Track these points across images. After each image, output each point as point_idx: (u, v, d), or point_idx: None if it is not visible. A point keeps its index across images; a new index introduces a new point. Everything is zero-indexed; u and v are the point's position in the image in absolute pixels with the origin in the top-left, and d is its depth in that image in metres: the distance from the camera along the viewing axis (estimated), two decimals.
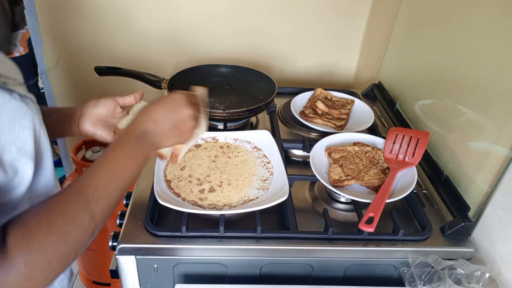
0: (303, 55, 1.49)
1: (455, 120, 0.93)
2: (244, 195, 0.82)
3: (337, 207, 0.89)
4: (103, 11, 1.36)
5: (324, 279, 0.80)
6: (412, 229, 0.84)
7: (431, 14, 1.06)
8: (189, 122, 0.67)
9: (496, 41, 0.80)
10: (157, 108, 0.66)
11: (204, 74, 1.23)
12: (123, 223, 0.79)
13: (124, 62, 1.45)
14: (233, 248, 0.76)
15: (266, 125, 1.16)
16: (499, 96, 0.78)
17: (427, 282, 0.71)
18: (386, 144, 0.89)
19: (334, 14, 1.39)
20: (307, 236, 0.78)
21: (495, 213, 0.77)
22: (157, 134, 0.65)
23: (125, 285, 0.79)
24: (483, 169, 0.80)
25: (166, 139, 0.67)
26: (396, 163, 0.82)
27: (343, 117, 1.11)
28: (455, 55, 0.94)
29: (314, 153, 0.92)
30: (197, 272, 0.79)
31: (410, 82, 1.17)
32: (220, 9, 1.37)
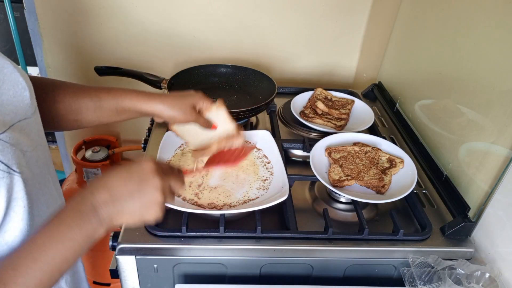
0: (303, 55, 1.49)
1: (455, 120, 0.93)
2: (244, 195, 0.82)
3: (337, 207, 0.89)
4: (103, 11, 1.36)
5: (324, 279, 0.80)
6: (412, 229, 0.84)
7: (431, 14, 1.06)
8: (153, 194, 0.55)
9: (496, 41, 0.80)
10: (116, 175, 0.55)
11: (204, 74, 1.23)
12: None
13: (124, 62, 1.45)
14: (233, 248, 0.76)
15: (266, 125, 1.16)
16: (499, 96, 0.78)
17: (427, 282, 0.71)
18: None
19: (334, 14, 1.39)
20: (307, 236, 0.78)
21: (495, 213, 0.77)
22: (110, 209, 0.53)
23: (125, 285, 0.79)
24: (483, 169, 0.80)
25: (122, 216, 0.54)
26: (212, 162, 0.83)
27: (343, 117, 1.11)
28: (455, 55, 0.94)
29: (314, 153, 0.92)
30: (197, 272, 0.79)
31: (410, 82, 1.17)
32: (220, 9, 1.37)
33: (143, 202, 0.55)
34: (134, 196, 0.54)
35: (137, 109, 0.77)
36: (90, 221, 0.51)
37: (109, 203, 0.53)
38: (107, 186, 0.54)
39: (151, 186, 0.55)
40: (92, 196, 0.53)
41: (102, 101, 0.75)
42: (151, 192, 0.55)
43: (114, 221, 0.53)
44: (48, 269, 0.48)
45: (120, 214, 0.53)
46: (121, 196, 0.54)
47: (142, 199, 0.55)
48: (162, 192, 0.56)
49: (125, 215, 0.54)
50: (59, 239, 0.49)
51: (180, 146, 0.94)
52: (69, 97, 0.73)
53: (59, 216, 0.51)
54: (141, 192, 0.55)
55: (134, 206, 0.54)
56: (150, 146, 1.02)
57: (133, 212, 0.54)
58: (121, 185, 0.54)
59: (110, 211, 0.53)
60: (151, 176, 0.55)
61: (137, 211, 0.55)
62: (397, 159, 0.92)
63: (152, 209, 0.56)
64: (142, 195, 0.55)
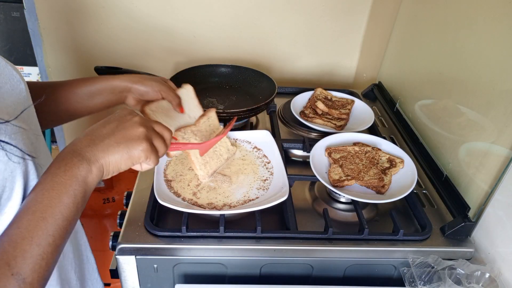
0: (303, 55, 1.49)
1: (455, 120, 0.93)
2: (244, 195, 0.82)
3: (337, 207, 0.89)
4: (103, 11, 1.36)
5: (324, 279, 0.80)
6: (412, 229, 0.84)
7: (431, 14, 1.06)
8: (135, 127, 0.55)
9: (496, 41, 0.80)
10: (95, 125, 0.56)
11: (204, 74, 1.23)
12: (123, 223, 0.79)
13: (124, 62, 1.45)
14: (233, 248, 0.76)
15: (266, 125, 1.16)
16: (499, 96, 0.78)
17: (427, 282, 0.71)
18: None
19: (334, 14, 1.39)
20: (307, 236, 0.78)
21: (495, 213, 0.77)
22: (93, 148, 0.52)
23: (125, 285, 0.79)
24: (483, 169, 0.80)
25: (108, 151, 0.52)
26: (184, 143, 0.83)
27: (343, 117, 1.11)
28: (455, 55, 0.94)
29: (314, 153, 0.92)
30: (197, 272, 0.79)
31: (410, 82, 1.17)
32: (220, 9, 1.37)
33: (126, 135, 0.54)
34: (115, 132, 0.54)
35: (111, 86, 0.77)
36: (75, 163, 0.50)
37: (90, 143, 0.52)
38: (85, 133, 0.54)
39: (131, 122, 0.55)
40: (72, 145, 0.52)
41: (76, 87, 0.77)
42: (132, 126, 0.55)
43: (102, 159, 0.52)
44: (49, 218, 0.47)
45: (106, 150, 0.52)
46: (102, 135, 0.53)
47: (124, 132, 0.54)
48: (144, 128, 0.55)
49: (111, 150, 0.52)
50: (49, 187, 0.48)
51: None
52: (68, 92, 0.76)
53: (45, 172, 0.50)
54: (122, 127, 0.54)
55: (116, 140, 0.53)
56: None
57: (118, 146, 0.53)
58: (100, 128, 0.54)
59: (94, 150, 0.51)
60: (130, 115, 0.56)
61: (122, 144, 0.53)
62: (397, 159, 0.92)
63: (138, 142, 0.54)
64: (123, 129, 0.54)
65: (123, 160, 0.53)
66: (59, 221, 0.47)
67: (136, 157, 0.54)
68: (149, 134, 0.56)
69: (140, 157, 0.55)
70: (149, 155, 0.55)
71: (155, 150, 0.57)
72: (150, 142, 0.56)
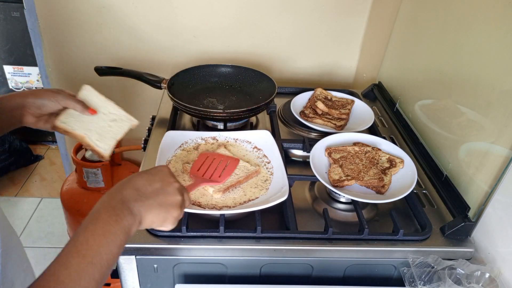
0: (303, 55, 1.49)
1: (455, 120, 0.93)
2: (244, 195, 0.82)
3: (337, 207, 0.89)
4: (103, 11, 1.36)
5: (324, 279, 0.80)
6: (412, 229, 0.84)
7: (431, 14, 1.06)
8: (175, 195, 0.59)
9: (496, 41, 0.80)
10: (139, 176, 0.59)
11: (204, 74, 1.23)
12: None
13: (124, 62, 1.45)
14: (233, 248, 0.76)
15: (266, 125, 1.16)
16: (499, 96, 0.78)
17: (427, 282, 0.71)
18: (194, 164, 0.86)
19: (334, 14, 1.39)
20: (307, 236, 0.78)
21: (495, 213, 0.77)
22: (139, 204, 0.55)
23: (125, 285, 0.79)
24: (483, 169, 0.80)
25: (151, 211, 0.56)
26: (202, 179, 0.82)
27: (343, 117, 1.11)
28: (455, 55, 0.94)
29: (314, 153, 0.92)
30: (197, 272, 0.79)
31: (410, 82, 1.17)
32: (220, 9, 1.37)
33: (167, 201, 0.58)
34: (159, 194, 0.57)
35: (2, 107, 0.72)
36: (125, 215, 0.53)
37: (138, 199, 0.55)
38: (132, 184, 0.57)
39: (172, 187, 0.59)
40: (120, 194, 0.55)
41: None
42: (173, 192, 0.59)
43: (144, 216, 0.55)
44: (97, 264, 0.49)
45: (149, 209, 0.56)
46: (147, 193, 0.57)
47: (166, 197, 0.58)
48: (181, 195, 0.60)
49: (153, 210, 0.56)
50: (101, 234, 0.51)
51: (180, 146, 0.94)
52: None
53: (94, 215, 0.53)
54: (165, 191, 0.58)
55: (159, 203, 0.57)
56: (150, 146, 1.02)
57: (159, 208, 0.57)
58: (145, 184, 0.58)
59: (139, 206, 0.55)
60: (172, 179, 0.60)
61: (162, 208, 0.57)
62: (397, 159, 0.92)
63: (174, 209, 0.58)
64: (166, 193, 0.58)
65: (158, 221, 0.58)
66: (104, 268, 0.50)
67: (169, 222, 0.59)
68: (183, 204, 0.60)
69: (172, 223, 0.59)
70: (175, 223, 0.60)
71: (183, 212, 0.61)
72: (181, 211, 0.60)
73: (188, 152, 0.93)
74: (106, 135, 0.82)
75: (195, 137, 0.96)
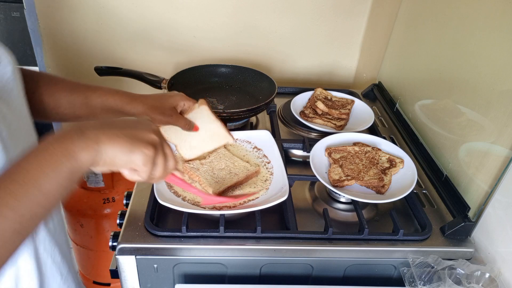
0: (303, 55, 1.48)
1: (455, 120, 0.93)
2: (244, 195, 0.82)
3: (337, 207, 0.89)
4: (103, 11, 1.36)
5: (324, 279, 0.80)
6: (412, 229, 0.84)
7: (431, 14, 1.06)
8: (150, 132, 0.52)
9: (496, 41, 0.80)
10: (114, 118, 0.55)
11: (204, 74, 1.23)
12: (123, 223, 0.79)
13: (124, 62, 1.45)
14: (233, 248, 0.76)
15: (266, 125, 1.16)
16: (499, 96, 0.78)
17: (427, 282, 0.71)
18: None
19: (334, 14, 1.39)
20: (307, 236, 0.78)
21: (495, 213, 0.77)
22: (100, 132, 0.48)
23: (125, 285, 0.79)
24: (483, 169, 0.80)
25: (113, 140, 0.48)
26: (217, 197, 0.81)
27: (343, 117, 1.11)
28: (455, 55, 0.94)
29: (314, 153, 0.92)
30: (197, 272, 0.79)
31: (410, 82, 1.17)
32: (220, 9, 1.37)
33: (136, 134, 0.51)
34: (127, 127, 0.51)
35: (120, 110, 0.77)
36: (74, 139, 0.46)
37: (98, 127, 0.49)
38: (99, 121, 0.51)
39: (147, 126, 0.53)
40: (82, 125, 0.49)
41: (89, 99, 0.77)
42: (147, 130, 0.52)
43: (102, 143, 0.48)
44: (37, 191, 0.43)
45: (109, 137, 0.48)
46: (113, 124, 0.51)
47: (136, 131, 0.51)
48: (158, 138, 0.52)
49: (114, 139, 0.48)
50: (35, 155, 0.45)
51: None
52: (60, 93, 0.75)
53: (43, 140, 0.47)
54: (135, 127, 0.52)
55: (125, 134, 0.50)
56: None
57: (123, 138, 0.49)
58: (114, 121, 0.52)
59: (98, 133, 0.48)
60: (149, 122, 0.54)
61: (128, 140, 0.49)
62: (397, 159, 0.92)
63: (145, 145, 0.50)
64: (136, 128, 0.52)
65: (122, 156, 0.49)
66: (50, 195, 0.44)
67: (134, 159, 0.50)
68: (158, 147, 0.53)
69: (138, 162, 0.51)
70: (146, 165, 0.51)
71: (153, 166, 0.53)
72: (155, 154, 0.52)
73: None
74: (196, 147, 0.86)
75: None
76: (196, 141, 0.86)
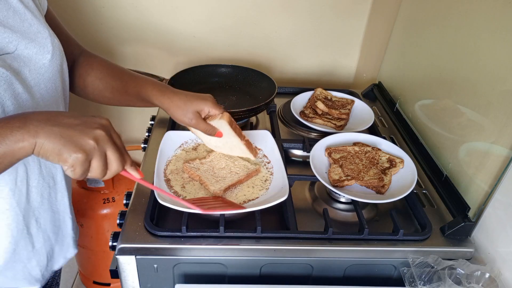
0: (303, 55, 1.49)
1: (455, 120, 0.93)
2: (244, 194, 0.82)
3: (337, 207, 0.89)
4: (103, 11, 1.36)
5: (324, 279, 0.80)
6: (412, 229, 0.84)
7: (431, 14, 1.06)
8: (88, 136, 0.52)
9: (496, 41, 0.80)
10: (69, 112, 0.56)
11: (204, 74, 1.23)
12: (123, 223, 0.79)
13: (124, 62, 1.45)
14: (233, 248, 0.76)
15: (266, 125, 1.16)
16: (499, 96, 0.78)
17: (427, 282, 0.71)
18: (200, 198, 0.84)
19: (334, 14, 1.39)
20: (307, 236, 0.78)
21: (495, 213, 0.77)
22: (42, 126, 0.51)
23: (125, 285, 0.79)
24: (483, 169, 0.80)
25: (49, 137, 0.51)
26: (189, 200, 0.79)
27: (343, 117, 1.11)
28: (455, 55, 0.94)
29: (314, 153, 0.92)
30: (197, 272, 0.79)
31: (410, 82, 1.17)
32: (220, 9, 1.37)
33: (73, 136, 0.52)
34: (69, 129, 0.52)
35: (151, 101, 0.83)
36: (14, 127, 0.50)
37: (44, 121, 0.51)
38: (51, 112, 0.54)
39: (89, 132, 0.53)
40: (30, 113, 0.53)
41: (127, 87, 0.84)
42: (86, 136, 0.52)
43: (41, 140, 0.50)
44: None
45: (48, 135, 0.51)
46: (58, 121, 0.52)
47: (74, 135, 0.52)
48: (95, 143, 0.53)
49: (51, 138, 0.51)
50: None
51: (180, 146, 0.94)
52: (108, 77, 0.84)
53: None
54: (77, 130, 0.52)
55: (62, 134, 0.51)
56: (150, 146, 1.02)
57: (58, 139, 0.51)
58: (64, 116, 0.53)
59: (40, 128, 0.51)
60: (96, 126, 0.54)
61: (62, 139, 0.51)
62: (397, 159, 0.92)
63: (74, 150, 0.51)
64: (77, 132, 0.52)
65: (53, 155, 0.51)
66: None
67: (64, 160, 0.52)
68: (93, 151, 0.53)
69: (68, 163, 0.52)
70: (76, 167, 0.52)
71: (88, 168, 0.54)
72: (87, 158, 0.53)
73: (188, 152, 0.93)
74: (221, 147, 0.90)
75: (195, 137, 0.96)
76: (221, 143, 0.88)
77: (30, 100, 0.65)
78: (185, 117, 0.81)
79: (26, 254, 0.75)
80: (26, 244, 0.74)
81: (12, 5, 0.62)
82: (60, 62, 0.70)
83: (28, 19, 0.64)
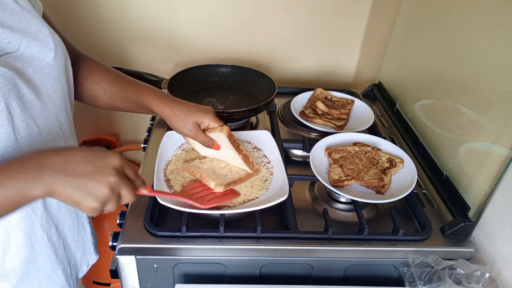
0: (303, 55, 1.49)
1: (455, 120, 0.93)
2: (244, 194, 0.82)
3: (337, 207, 0.89)
4: (103, 11, 1.36)
5: (324, 279, 0.80)
6: (412, 229, 0.84)
7: (431, 14, 1.06)
8: (102, 186, 0.54)
9: (496, 41, 0.80)
10: (80, 151, 0.56)
11: (204, 74, 1.23)
12: (123, 223, 0.79)
13: (124, 62, 1.45)
14: (233, 248, 0.76)
15: (266, 125, 1.16)
16: (499, 96, 0.78)
17: (427, 282, 0.71)
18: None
19: (334, 14, 1.39)
20: (307, 236, 0.78)
21: (495, 213, 0.77)
22: (56, 176, 0.52)
23: (125, 285, 0.79)
24: (483, 169, 0.80)
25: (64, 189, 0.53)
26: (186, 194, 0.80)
27: (343, 117, 1.11)
28: (455, 55, 0.94)
29: (314, 153, 0.92)
30: (197, 272, 0.79)
31: (410, 82, 1.17)
32: (220, 9, 1.37)
33: (88, 189, 0.54)
34: (83, 177, 0.54)
35: (151, 109, 0.83)
36: (29, 178, 0.51)
37: (58, 171, 0.53)
38: (65, 155, 0.55)
39: (104, 180, 0.55)
40: (45, 158, 0.54)
41: (127, 94, 0.83)
42: (101, 185, 0.54)
43: (53, 192, 0.53)
44: None
45: (62, 188, 0.53)
46: (72, 170, 0.54)
47: (89, 187, 0.54)
48: (110, 191, 0.55)
49: (67, 190, 0.53)
50: None
51: (180, 146, 0.94)
52: (107, 83, 0.83)
53: (5, 162, 0.53)
54: (92, 180, 0.54)
55: (77, 186, 0.53)
56: (150, 146, 1.02)
57: (74, 191, 0.53)
58: (78, 161, 0.54)
59: (55, 180, 0.52)
60: (110, 172, 0.55)
61: (78, 192, 0.53)
62: (397, 159, 0.92)
63: (91, 199, 0.54)
64: (92, 182, 0.54)
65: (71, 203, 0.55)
66: None
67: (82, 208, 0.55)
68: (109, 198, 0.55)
69: (87, 211, 0.55)
70: (92, 213, 0.56)
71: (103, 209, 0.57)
72: (102, 205, 0.56)
73: (188, 152, 0.93)
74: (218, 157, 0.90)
75: None
76: (218, 155, 0.88)
77: (38, 101, 0.63)
78: (184, 127, 0.81)
79: (50, 264, 0.73)
80: (48, 253, 0.72)
81: (8, 5, 0.61)
82: (64, 60, 0.69)
83: (26, 19, 0.63)
